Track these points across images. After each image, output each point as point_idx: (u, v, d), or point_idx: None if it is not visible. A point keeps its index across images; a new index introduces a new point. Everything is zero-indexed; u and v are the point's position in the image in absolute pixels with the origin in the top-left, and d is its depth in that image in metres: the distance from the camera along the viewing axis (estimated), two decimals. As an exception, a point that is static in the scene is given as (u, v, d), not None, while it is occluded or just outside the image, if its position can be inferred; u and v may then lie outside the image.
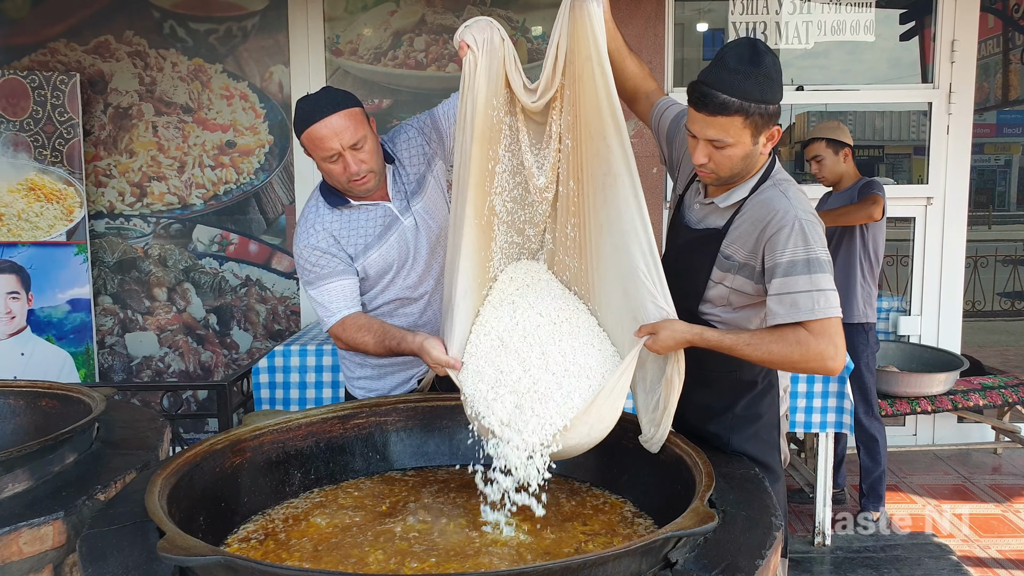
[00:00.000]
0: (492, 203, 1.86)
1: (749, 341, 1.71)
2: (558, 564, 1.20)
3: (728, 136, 1.68)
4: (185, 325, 4.21)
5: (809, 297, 1.68)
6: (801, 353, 1.68)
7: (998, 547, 3.35)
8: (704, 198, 1.88)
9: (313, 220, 2.10)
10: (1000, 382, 4.05)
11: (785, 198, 1.74)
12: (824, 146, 3.50)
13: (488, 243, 1.89)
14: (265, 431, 1.87)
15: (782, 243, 1.70)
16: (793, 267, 1.69)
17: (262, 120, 4.11)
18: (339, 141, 1.95)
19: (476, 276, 1.86)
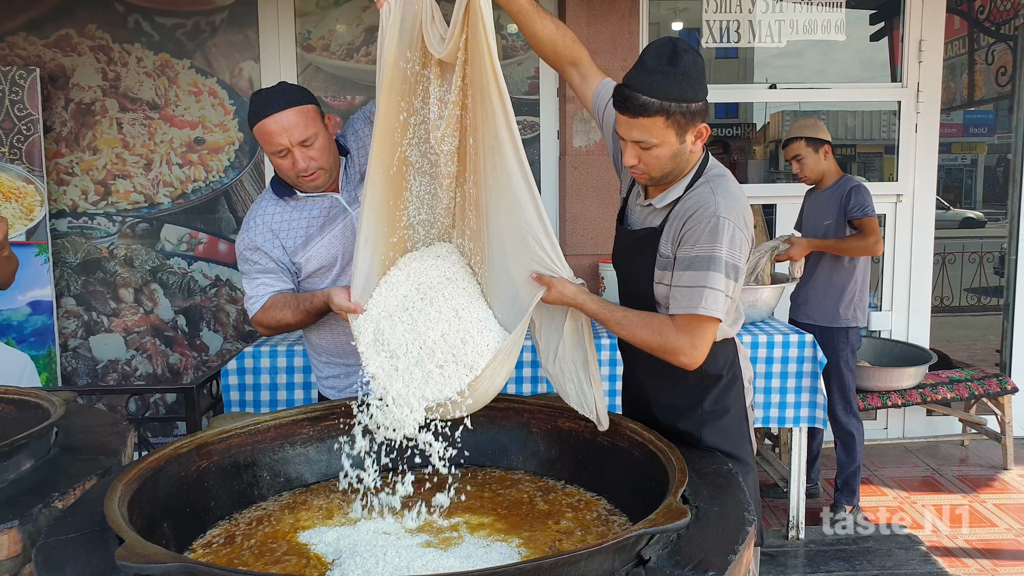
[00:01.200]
0: (406, 153, 1.85)
1: (620, 320, 1.78)
2: (530, 564, 1.18)
3: (652, 137, 1.70)
4: (153, 327, 4.13)
5: (701, 293, 1.71)
6: (660, 343, 1.75)
7: (965, 537, 3.40)
8: (644, 200, 1.90)
9: (255, 214, 2.13)
10: (967, 375, 4.10)
11: (712, 195, 1.75)
12: (803, 145, 3.51)
13: (399, 192, 1.89)
14: (233, 434, 1.84)
15: (695, 237, 1.74)
16: (702, 262, 1.72)
17: (232, 117, 4.05)
18: (288, 137, 1.96)
19: (381, 224, 1.86)
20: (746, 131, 12.42)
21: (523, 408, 1.98)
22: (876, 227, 3.35)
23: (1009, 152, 4.75)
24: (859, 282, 3.51)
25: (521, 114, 4.18)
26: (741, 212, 1.76)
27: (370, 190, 1.82)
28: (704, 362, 1.87)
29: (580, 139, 3.95)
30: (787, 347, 3.17)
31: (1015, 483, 3.97)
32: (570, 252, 4.03)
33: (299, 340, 3.11)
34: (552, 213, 4.23)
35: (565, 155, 4.03)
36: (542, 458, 1.94)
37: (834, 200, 3.47)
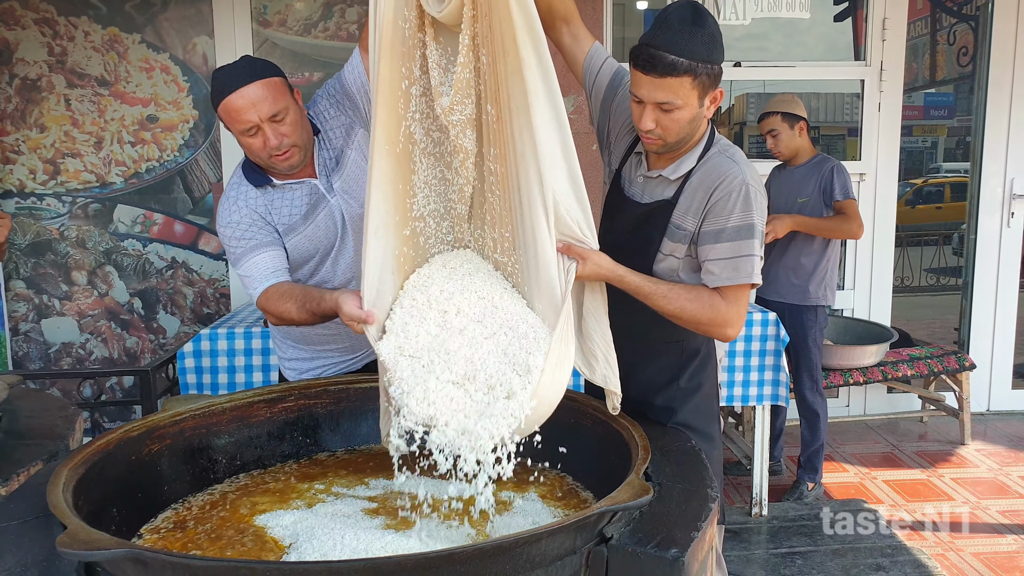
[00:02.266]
0: (410, 129, 1.63)
1: (666, 293, 1.73)
2: (489, 544, 1.15)
3: (677, 98, 1.66)
4: (107, 310, 4.01)
5: (748, 262, 1.72)
6: (710, 316, 1.73)
7: (923, 511, 3.46)
8: (648, 171, 1.85)
9: (235, 197, 1.98)
10: (927, 353, 4.17)
11: (734, 163, 1.75)
12: (779, 120, 3.49)
13: (407, 175, 1.65)
14: (186, 416, 1.79)
15: (729, 208, 1.72)
16: (739, 232, 1.72)
17: (185, 94, 3.93)
18: (256, 113, 1.82)
19: (391, 212, 1.62)
20: (711, 113, 12.47)
21: (486, 387, 1.95)
22: (857, 210, 3.37)
23: (968, 135, 4.81)
24: (831, 261, 3.53)
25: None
26: (757, 176, 1.77)
27: (376, 171, 1.58)
28: (685, 337, 1.88)
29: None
30: (751, 325, 3.18)
31: (972, 458, 4.05)
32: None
33: (257, 322, 3.04)
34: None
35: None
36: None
37: (810, 178, 3.47)
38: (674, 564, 1.20)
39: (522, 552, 1.18)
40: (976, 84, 4.59)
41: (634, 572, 1.23)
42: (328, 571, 1.13)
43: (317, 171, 2.00)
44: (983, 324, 4.64)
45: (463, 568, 1.14)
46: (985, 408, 4.69)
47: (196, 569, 1.15)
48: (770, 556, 3.04)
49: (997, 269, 4.60)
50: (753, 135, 15.27)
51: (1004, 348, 4.66)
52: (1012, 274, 4.61)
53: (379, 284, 1.61)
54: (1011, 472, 3.86)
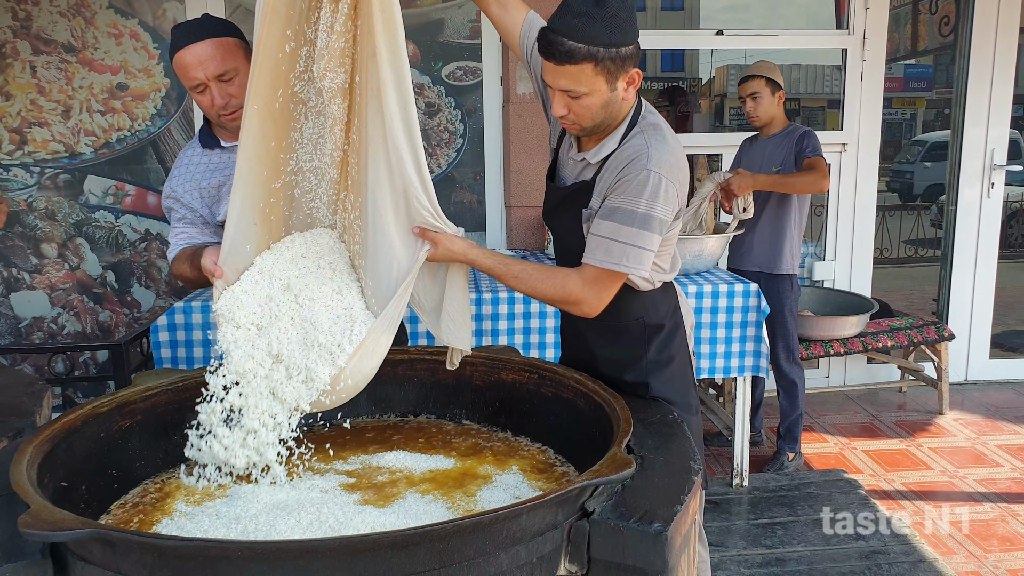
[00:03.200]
0: (294, 88, 1.64)
1: (517, 274, 1.71)
2: (468, 520, 1.12)
3: (580, 85, 1.61)
4: (80, 283, 3.93)
5: (623, 249, 1.66)
6: (562, 295, 1.71)
7: (902, 480, 3.49)
8: (576, 153, 1.82)
9: (180, 163, 2.05)
10: (906, 323, 4.19)
11: (646, 147, 1.67)
12: (763, 84, 3.45)
13: (284, 132, 1.67)
14: (158, 391, 1.75)
15: (623, 189, 1.66)
16: (626, 216, 1.65)
17: (156, 62, 3.81)
18: (203, 71, 1.84)
19: (258, 168, 1.66)
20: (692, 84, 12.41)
21: (465, 361, 1.92)
22: (824, 166, 3.33)
23: (947, 107, 4.80)
24: (800, 228, 3.52)
25: (463, 59, 4.04)
26: (674, 165, 1.68)
27: (245, 128, 1.61)
28: (646, 312, 1.84)
29: (524, 85, 3.83)
30: (732, 296, 3.16)
31: (950, 427, 4.09)
32: (515, 204, 3.95)
33: (233, 295, 2.98)
34: (496, 164, 4.12)
35: (509, 103, 3.92)
36: (485, 410, 1.90)
37: (783, 147, 3.44)
38: (657, 538, 1.18)
39: (502, 528, 1.15)
40: (958, 54, 4.57)
41: (616, 547, 1.21)
42: (302, 550, 1.10)
43: None
44: (962, 295, 4.67)
45: (441, 545, 1.12)
46: (963, 378, 4.73)
47: (163, 548, 1.12)
48: (751, 527, 3.05)
49: (976, 240, 4.62)
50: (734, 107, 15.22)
51: (982, 318, 4.69)
52: (991, 245, 4.63)
53: (235, 234, 1.67)
54: (988, 441, 3.90)
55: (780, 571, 2.73)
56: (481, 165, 4.12)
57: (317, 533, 1.33)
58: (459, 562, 1.14)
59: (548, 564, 1.22)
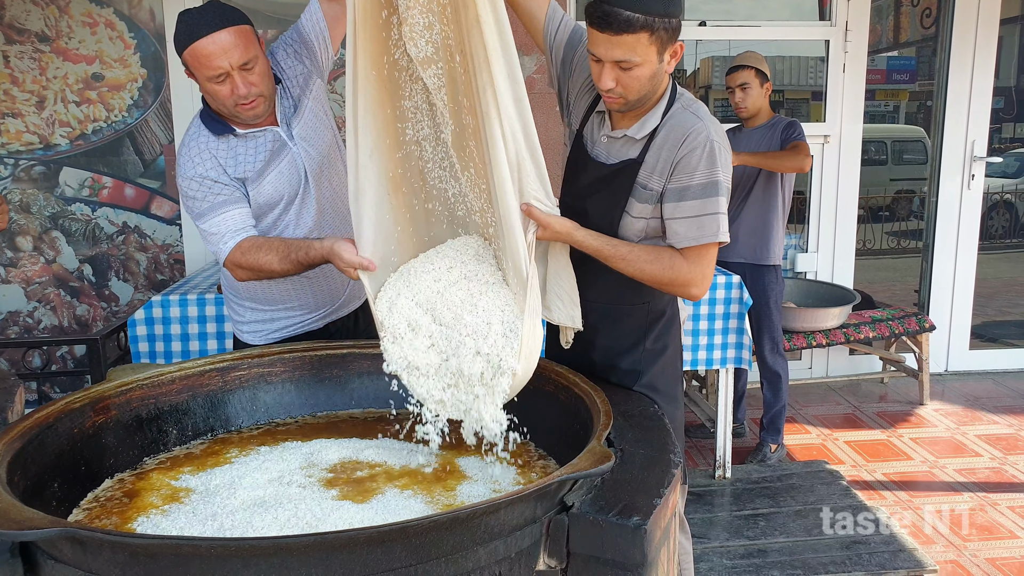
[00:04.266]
0: (394, 56, 1.61)
1: (625, 255, 1.71)
2: (445, 515, 1.11)
3: (635, 55, 1.61)
4: (56, 277, 3.87)
5: (713, 220, 1.70)
6: (671, 277, 1.72)
7: (883, 470, 3.51)
8: (612, 130, 1.80)
9: (197, 148, 1.93)
10: (888, 315, 4.21)
11: (698, 119, 1.71)
12: (753, 75, 3.45)
13: (396, 100, 1.64)
14: (133, 386, 1.72)
15: (693, 164, 1.69)
16: (705, 190, 1.69)
17: (132, 51, 3.75)
18: (228, 60, 1.80)
19: (382, 135, 1.62)
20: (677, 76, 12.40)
21: (446, 353, 1.91)
22: (807, 149, 3.33)
23: (929, 99, 4.83)
24: (783, 218, 3.53)
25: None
26: (723, 133, 1.75)
27: (361, 94, 1.57)
28: (652, 296, 1.86)
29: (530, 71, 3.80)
30: (715, 288, 3.16)
31: (930, 417, 4.13)
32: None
33: (211, 288, 2.95)
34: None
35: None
36: (467, 404, 1.88)
37: (768, 137, 3.44)
38: (636, 532, 1.17)
39: (480, 523, 1.14)
40: (939, 46, 4.59)
41: (595, 541, 1.20)
42: (275, 547, 1.08)
43: (279, 119, 1.99)
44: (943, 286, 4.70)
45: (418, 541, 1.10)
46: (944, 369, 4.77)
47: (135, 547, 1.10)
48: (733, 518, 3.06)
49: (957, 231, 4.65)
50: (719, 99, 15.23)
51: (962, 309, 4.73)
52: (971, 236, 4.66)
53: (379, 215, 1.64)
54: (967, 431, 3.94)
55: (762, 562, 2.74)
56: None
57: (294, 530, 1.31)
58: (436, 558, 1.12)
59: (527, 559, 1.21)
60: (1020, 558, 2.80)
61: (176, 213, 3.90)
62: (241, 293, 2.14)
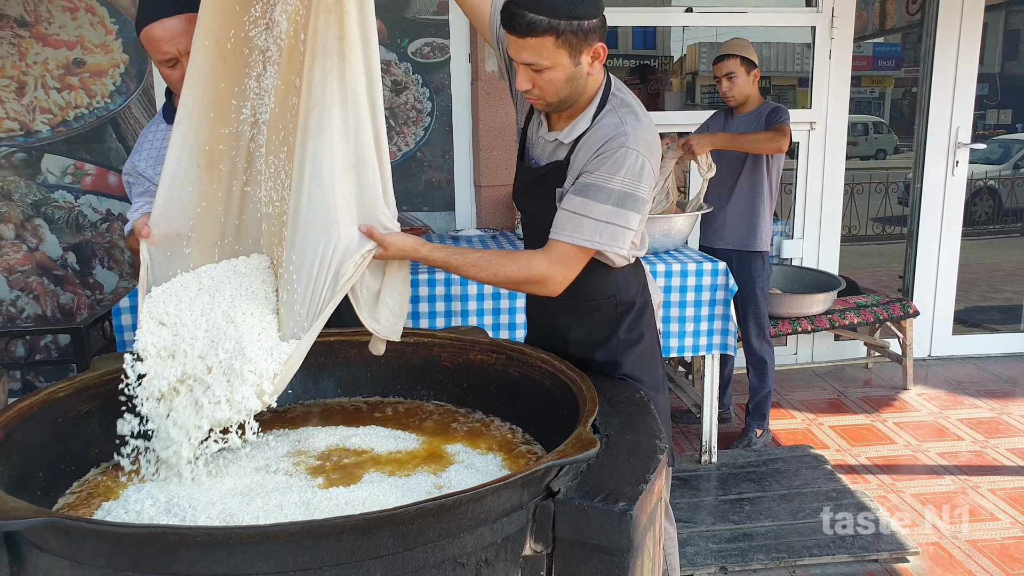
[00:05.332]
0: (248, 33, 1.54)
1: (475, 262, 1.66)
2: (431, 502, 1.11)
3: (543, 59, 1.60)
4: (39, 265, 3.83)
5: (595, 227, 1.65)
6: (527, 275, 1.68)
7: (867, 455, 3.55)
8: (547, 132, 1.80)
9: (143, 139, 2.01)
10: (873, 300, 4.24)
11: (622, 124, 1.67)
12: (739, 63, 3.43)
13: (237, 77, 1.57)
14: (119, 375, 1.70)
15: (597, 164, 1.65)
16: (598, 192, 1.64)
17: (114, 37, 3.70)
18: (175, 46, 1.79)
19: (204, 107, 1.56)
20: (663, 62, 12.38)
21: (433, 342, 1.92)
22: (788, 131, 3.31)
23: (915, 86, 4.84)
24: (771, 205, 3.54)
25: (430, 36, 3.98)
26: (651, 142, 1.69)
27: (193, 65, 1.54)
28: (619, 290, 1.84)
29: (493, 63, 3.79)
30: (700, 275, 3.17)
31: (913, 402, 4.17)
32: (485, 183, 3.92)
33: (197, 276, 2.93)
34: (465, 143, 4.08)
35: (477, 80, 3.87)
36: (454, 391, 1.89)
37: (756, 124, 3.44)
38: (622, 517, 1.18)
39: (466, 510, 1.15)
40: (924, 32, 4.60)
41: (581, 526, 1.21)
42: (262, 535, 1.08)
43: None
44: (927, 272, 4.74)
45: (405, 528, 1.11)
46: (927, 354, 4.82)
47: (120, 536, 1.09)
48: (719, 503, 3.09)
49: (941, 217, 4.68)
50: (706, 85, 15.22)
51: (946, 295, 4.77)
52: (955, 222, 4.70)
53: (174, 181, 1.57)
54: (950, 415, 3.98)
55: (748, 546, 2.76)
56: (450, 144, 4.08)
57: (280, 518, 1.31)
58: (423, 544, 1.13)
59: (513, 544, 1.22)
60: (1000, 540, 2.84)
61: (160, 201, 3.85)
62: None
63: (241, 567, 1.06)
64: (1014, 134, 10.75)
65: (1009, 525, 2.94)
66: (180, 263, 1.61)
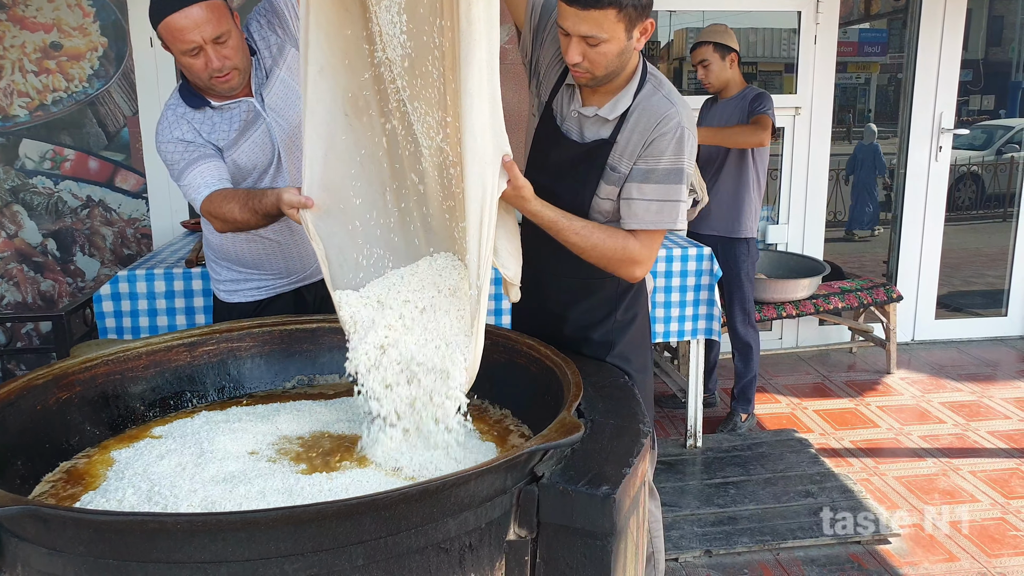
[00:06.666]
0: None
1: (579, 230, 1.69)
2: (415, 487, 1.10)
3: (602, 31, 1.60)
4: (18, 252, 3.78)
5: (673, 208, 1.71)
6: (623, 255, 1.71)
7: (851, 438, 3.58)
8: (582, 106, 1.78)
9: (174, 116, 1.99)
10: (857, 285, 4.27)
11: (671, 104, 1.72)
12: (711, 50, 3.43)
13: (361, 21, 1.54)
14: (98, 362, 1.69)
15: (662, 149, 1.69)
16: (669, 176, 1.70)
17: (92, 19, 3.64)
18: (200, 34, 1.82)
19: (337, 53, 1.53)
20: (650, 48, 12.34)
21: (417, 326, 1.90)
22: (768, 122, 3.31)
23: (900, 72, 4.85)
24: (758, 192, 3.54)
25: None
26: (693, 120, 1.75)
27: (316, 14, 1.50)
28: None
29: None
30: (685, 260, 3.18)
31: (897, 386, 4.20)
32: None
33: (178, 263, 2.90)
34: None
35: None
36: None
37: (738, 110, 3.44)
38: (605, 501, 1.18)
39: (450, 495, 1.14)
40: (909, 18, 4.60)
41: (565, 510, 1.21)
42: (244, 522, 1.07)
43: (253, 91, 2.02)
44: (910, 256, 4.76)
45: (388, 513, 1.10)
46: (910, 338, 4.85)
47: (100, 524, 1.08)
48: (704, 486, 3.11)
49: (925, 203, 4.71)
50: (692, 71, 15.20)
51: (929, 280, 4.80)
52: (938, 207, 4.73)
53: (328, 132, 1.56)
54: (932, 399, 4.02)
55: (732, 529, 2.78)
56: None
57: (262, 504, 1.30)
58: (406, 530, 1.12)
59: (497, 529, 1.22)
60: (981, 521, 2.87)
61: (142, 187, 3.82)
62: (218, 252, 2.21)
63: (222, 553, 1.06)
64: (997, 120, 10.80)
65: (989, 507, 2.97)
66: (350, 216, 1.62)
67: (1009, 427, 3.67)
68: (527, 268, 1.97)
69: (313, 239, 1.60)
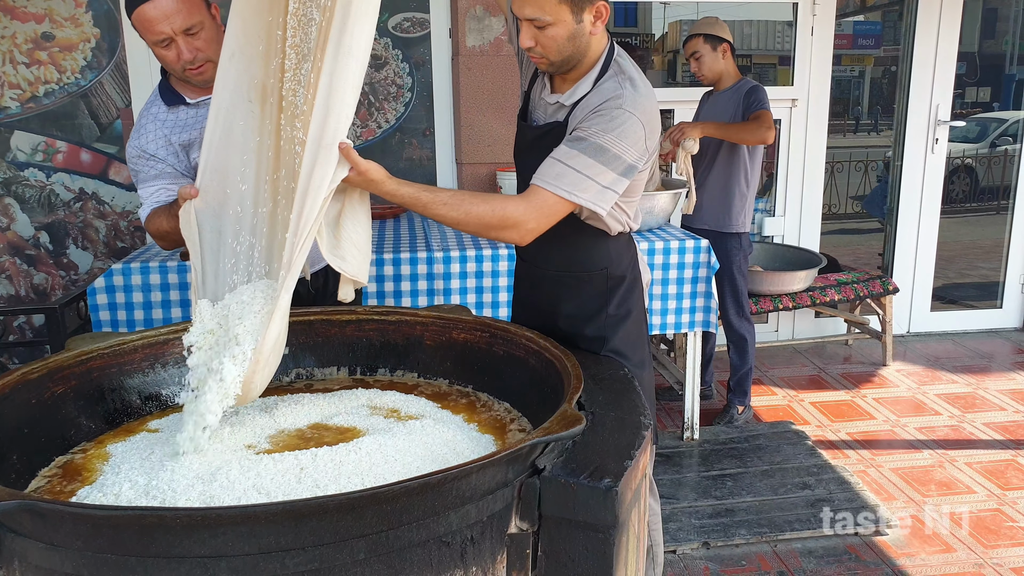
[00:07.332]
0: None
1: (447, 200, 1.61)
2: (416, 480, 1.09)
3: (545, 14, 1.60)
4: (11, 245, 3.75)
5: (576, 177, 1.62)
6: (500, 217, 1.62)
7: (847, 430, 3.58)
8: (550, 94, 1.80)
9: (145, 121, 1.98)
10: (853, 277, 4.27)
11: (620, 88, 1.67)
12: (702, 42, 3.42)
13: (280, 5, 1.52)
14: (94, 355, 1.68)
15: (593, 121, 1.64)
16: (587, 146, 1.62)
17: (84, 10, 3.61)
18: (169, 25, 1.80)
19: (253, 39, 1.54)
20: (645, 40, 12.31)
21: (415, 321, 1.89)
22: (769, 119, 3.32)
23: (894, 64, 4.85)
24: (752, 187, 3.53)
25: (410, 10, 3.92)
26: (648, 109, 1.68)
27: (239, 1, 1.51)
28: (611, 263, 1.84)
29: (474, 38, 3.74)
30: (683, 253, 3.17)
31: (892, 378, 4.21)
32: (467, 160, 3.88)
33: (173, 255, 2.88)
34: (446, 119, 4.04)
35: (458, 56, 3.82)
36: (438, 370, 1.87)
37: (732, 101, 3.43)
38: (607, 494, 1.17)
39: (451, 487, 1.13)
40: (905, 10, 4.59)
41: (567, 503, 1.20)
42: (244, 516, 1.06)
43: None
44: (906, 249, 4.77)
45: (389, 507, 1.09)
46: (906, 330, 4.87)
47: (98, 519, 1.07)
48: (701, 479, 3.11)
49: (920, 195, 4.71)
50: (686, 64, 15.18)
51: (924, 272, 4.81)
52: (934, 199, 4.73)
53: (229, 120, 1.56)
54: (927, 391, 4.03)
55: (730, 521, 2.79)
56: (431, 120, 4.03)
57: (261, 498, 1.29)
58: (408, 523, 1.11)
59: (499, 522, 1.21)
60: (977, 512, 2.88)
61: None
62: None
63: (222, 548, 1.04)
64: (991, 112, 10.82)
65: (985, 498, 2.98)
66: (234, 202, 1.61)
67: (1004, 418, 3.68)
68: (521, 262, 1.97)
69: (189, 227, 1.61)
